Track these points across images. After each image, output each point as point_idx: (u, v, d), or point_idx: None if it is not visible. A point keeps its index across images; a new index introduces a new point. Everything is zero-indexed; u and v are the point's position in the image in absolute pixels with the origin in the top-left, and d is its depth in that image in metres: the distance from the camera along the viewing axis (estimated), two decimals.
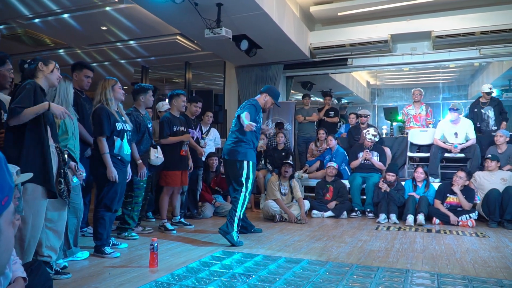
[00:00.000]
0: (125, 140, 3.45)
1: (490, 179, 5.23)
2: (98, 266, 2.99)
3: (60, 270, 2.71)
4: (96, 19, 7.30)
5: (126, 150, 3.47)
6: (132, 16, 7.09)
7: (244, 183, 3.93)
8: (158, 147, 4.32)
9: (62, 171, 2.58)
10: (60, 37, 8.39)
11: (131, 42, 8.57)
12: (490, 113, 6.35)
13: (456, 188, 5.07)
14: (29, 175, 2.22)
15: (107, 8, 6.88)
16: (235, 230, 3.79)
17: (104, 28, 7.75)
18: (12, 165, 0.83)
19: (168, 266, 3.01)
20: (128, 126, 3.53)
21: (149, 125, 4.31)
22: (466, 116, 6.34)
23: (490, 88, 6.39)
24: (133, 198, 4.07)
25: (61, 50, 9.18)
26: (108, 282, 2.61)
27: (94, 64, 9.96)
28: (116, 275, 2.76)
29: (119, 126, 3.38)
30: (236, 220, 3.82)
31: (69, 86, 2.94)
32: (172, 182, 4.49)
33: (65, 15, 7.20)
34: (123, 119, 3.51)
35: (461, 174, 5.13)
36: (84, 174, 3.14)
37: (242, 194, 3.91)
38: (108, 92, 3.37)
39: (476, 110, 6.44)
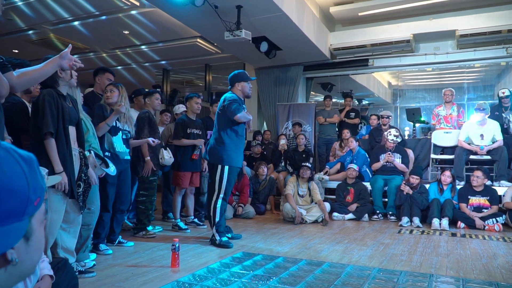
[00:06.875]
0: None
1: None
2: (121, 265, 3.05)
3: (84, 269, 2.77)
4: (118, 23, 7.46)
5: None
6: (153, 19, 7.22)
7: (217, 187, 3.83)
8: (167, 148, 4.49)
9: (82, 174, 2.64)
10: (83, 42, 8.61)
11: (152, 45, 8.72)
12: (510, 117, 6.15)
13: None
14: (58, 178, 2.29)
15: (129, 13, 7.02)
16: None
17: (126, 32, 7.91)
18: (42, 168, 0.85)
19: (189, 266, 3.04)
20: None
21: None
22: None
23: (504, 93, 6.21)
24: (146, 197, 4.16)
25: (91, 54, 9.38)
26: (131, 281, 2.65)
27: (112, 68, 10.17)
28: (139, 275, 2.80)
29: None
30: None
31: (75, 91, 2.92)
32: (181, 182, 4.57)
33: (88, 20, 7.39)
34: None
35: (478, 173, 5.04)
36: (113, 169, 3.17)
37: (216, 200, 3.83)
38: None
39: (497, 113, 6.23)
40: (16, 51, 9.14)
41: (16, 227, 0.70)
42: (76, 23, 7.56)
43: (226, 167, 3.82)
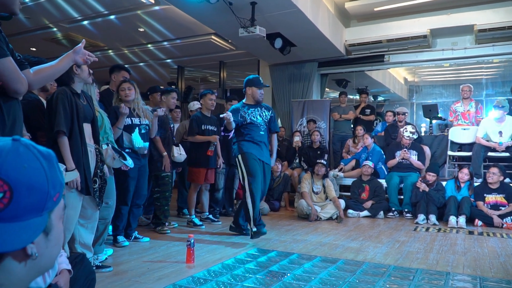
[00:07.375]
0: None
1: None
2: (137, 261, 3.09)
3: (100, 264, 2.82)
4: (134, 20, 7.52)
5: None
6: (168, 17, 7.25)
7: (242, 180, 3.83)
8: (179, 145, 4.53)
9: (98, 171, 2.68)
10: (99, 39, 8.70)
11: (167, 42, 8.77)
12: None
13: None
14: (75, 174, 2.32)
15: (144, 10, 7.07)
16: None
17: (141, 29, 7.97)
18: (60, 164, 0.87)
19: (204, 262, 3.06)
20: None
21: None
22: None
23: None
24: (161, 193, 4.21)
25: (98, 53, 9.49)
26: (147, 276, 2.69)
27: (129, 65, 10.26)
28: (155, 270, 2.84)
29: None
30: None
31: (91, 88, 2.97)
32: (196, 179, 4.60)
33: (104, 18, 7.46)
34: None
35: (494, 170, 4.95)
36: (131, 162, 3.22)
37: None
38: None
39: None
40: (34, 49, 9.29)
41: (36, 222, 0.72)
42: (87, 22, 7.64)
43: (239, 155, 3.84)
